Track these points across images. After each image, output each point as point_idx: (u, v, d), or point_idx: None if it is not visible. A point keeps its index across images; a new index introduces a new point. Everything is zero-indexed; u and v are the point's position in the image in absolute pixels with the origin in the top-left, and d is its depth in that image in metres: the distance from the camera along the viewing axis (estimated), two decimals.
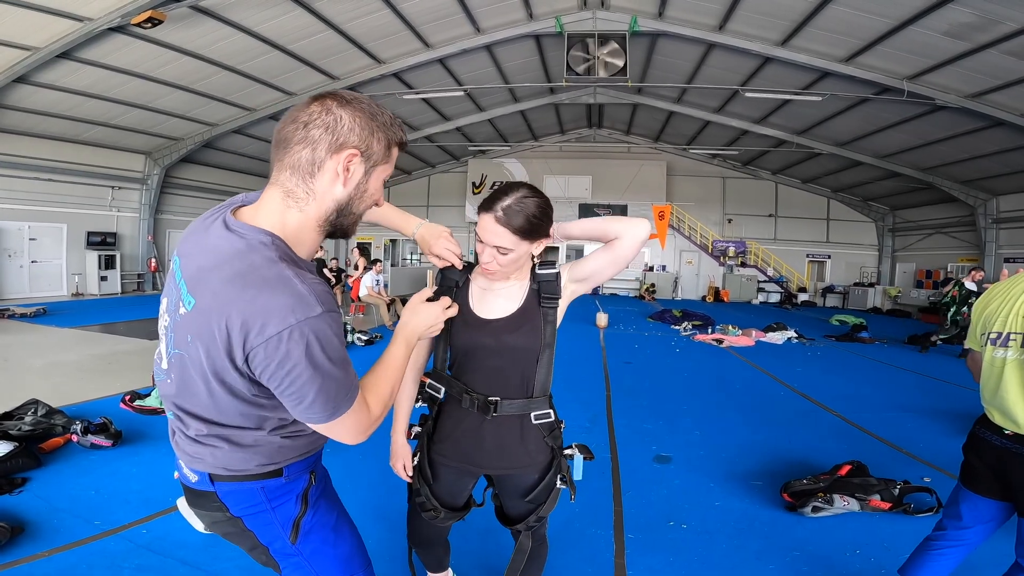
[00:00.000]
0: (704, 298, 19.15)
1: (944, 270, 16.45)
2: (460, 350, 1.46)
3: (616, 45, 10.19)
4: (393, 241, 22.80)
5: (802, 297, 18.62)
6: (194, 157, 14.66)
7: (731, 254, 19.40)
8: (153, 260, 14.74)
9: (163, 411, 4.21)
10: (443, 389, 1.50)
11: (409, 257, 22.03)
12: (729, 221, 20.00)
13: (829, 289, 18.89)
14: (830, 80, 10.54)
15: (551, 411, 1.50)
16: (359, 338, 7.78)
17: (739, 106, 13.50)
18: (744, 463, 3.59)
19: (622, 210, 18.85)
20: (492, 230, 1.31)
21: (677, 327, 10.70)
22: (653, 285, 18.93)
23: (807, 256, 19.76)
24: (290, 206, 0.94)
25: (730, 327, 10.07)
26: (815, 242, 19.60)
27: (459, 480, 1.57)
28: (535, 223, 1.32)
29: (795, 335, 9.74)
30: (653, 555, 2.44)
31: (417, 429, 1.58)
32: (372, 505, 2.86)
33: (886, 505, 2.87)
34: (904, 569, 1.92)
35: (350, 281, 10.47)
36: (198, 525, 2.40)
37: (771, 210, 19.67)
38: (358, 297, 9.72)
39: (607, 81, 10.87)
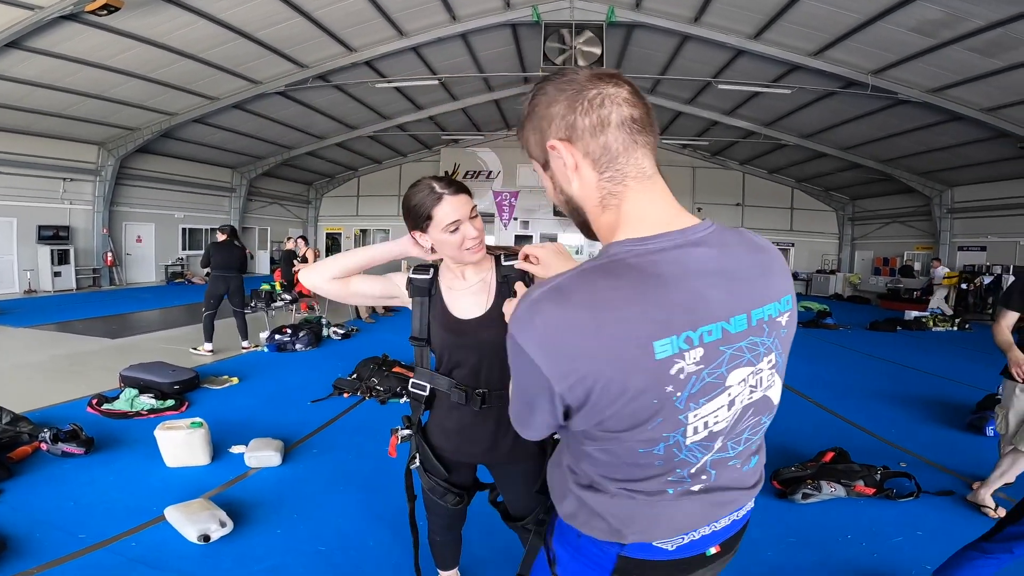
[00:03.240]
0: None
1: (900, 257, 17.19)
2: (443, 351, 1.49)
3: (593, 35, 10.16)
4: (364, 231, 22.42)
5: None
6: (152, 147, 14.00)
7: None
8: (109, 254, 14.04)
9: (134, 415, 4.04)
10: (428, 387, 1.53)
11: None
12: (699, 210, 20.31)
13: (793, 276, 19.34)
14: (799, 74, 10.78)
15: None
16: (335, 332, 7.62)
17: (710, 98, 13.69)
18: None
19: None
20: (465, 202, 1.37)
21: None
22: None
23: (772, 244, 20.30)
24: None
25: None
26: (779, 230, 20.15)
27: (458, 469, 1.61)
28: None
29: None
30: None
31: (404, 432, 1.61)
32: (366, 506, 2.81)
33: (870, 491, 2.98)
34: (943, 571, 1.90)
35: (277, 275, 9.75)
36: (191, 535, 2.32)
37: (738, 199, 20.15)
38: (310, 292, 9.27)
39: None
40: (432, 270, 1.53)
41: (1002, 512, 2.78)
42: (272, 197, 20.29)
